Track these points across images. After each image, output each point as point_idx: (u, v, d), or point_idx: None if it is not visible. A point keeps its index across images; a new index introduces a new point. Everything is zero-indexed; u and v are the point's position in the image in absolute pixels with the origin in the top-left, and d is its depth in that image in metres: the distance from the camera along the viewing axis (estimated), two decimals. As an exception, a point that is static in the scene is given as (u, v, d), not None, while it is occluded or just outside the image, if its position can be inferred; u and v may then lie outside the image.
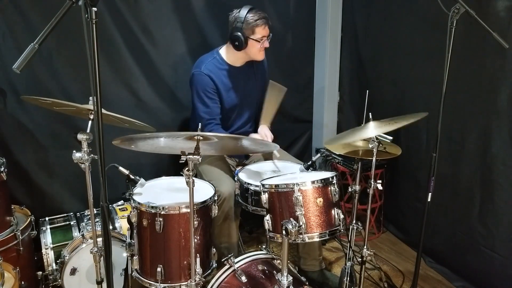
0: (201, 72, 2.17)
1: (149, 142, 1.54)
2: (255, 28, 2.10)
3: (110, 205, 2.23)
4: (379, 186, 1.80)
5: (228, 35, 2.17)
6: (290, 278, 1.47)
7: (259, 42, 2.12)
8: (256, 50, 2.17)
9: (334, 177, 1.67)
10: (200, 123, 1.53)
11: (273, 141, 2.33)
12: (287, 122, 3.10)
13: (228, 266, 1.70)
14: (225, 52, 2.26)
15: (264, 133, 2.33)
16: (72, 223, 2.17)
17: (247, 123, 2.42)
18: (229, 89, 2.25)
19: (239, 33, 2.10)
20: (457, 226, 2.29)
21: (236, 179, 1.98)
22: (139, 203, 1.64)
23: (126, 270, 1.91)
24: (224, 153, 2.24)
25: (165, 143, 1.52)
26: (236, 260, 1.73)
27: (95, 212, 1.66)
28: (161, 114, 2.56)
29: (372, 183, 1.80)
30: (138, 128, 1.80)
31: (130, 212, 1.67)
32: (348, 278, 1.90)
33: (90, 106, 1.66)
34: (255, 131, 2.47)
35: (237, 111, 2.34)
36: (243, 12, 2.10)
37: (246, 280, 1.65)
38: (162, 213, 1.59)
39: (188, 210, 1.48)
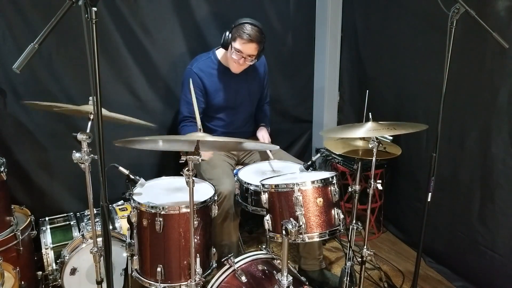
0: (191, 69, 2.23)
1: (149, 144, 1.54)
2: (236, 38, 2.08)
3: (110, 205, 2.23)
4: (379, 186, 1.80)
5: None
6: (290, 278, 1.47)
7: (232, 51, 2.11)
8: (230, 58, 2.16)
9: (334, 177, 1.67)
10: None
11: (271, 142, 2.34)
12: (287, 122, 3.10)
13: (228, 266, 1.70)
14: (221, 53, 2.27)
15: (262, 135, 2.36)
16: (72, 223, 2.18)
17: (245, 123, 2.44)
18: (219, 89, 2.27)
19: (227, 33, 2.12)
20: (457, 226, 2.29)
21: (236, 179, 1.98)
22: (139, 203, 1.64)
23: (126, 270, 1.91)
24: (224, 150, 2.24)
25: (165, 144, 1.52)
26: (236, 260, 1.73)
27: (95, 212, 1.66)
28: (161, 113, 2.56)
29: (372, 183, 1.80)
30: (138, 126, 1.80)
31: (130, 212, 1.67)
32: (348, 278, 1.90)
33: (89, 107, 1.66)
34: (255, 131, 2.48)
35: (232, 112, 2.34)
36: (244, 20, 2.09)
37: (246, 280, 1.64)
38: (162, 213, 1.59)
39: (188, 210, 1.48)
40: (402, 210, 2.78)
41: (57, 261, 1.98)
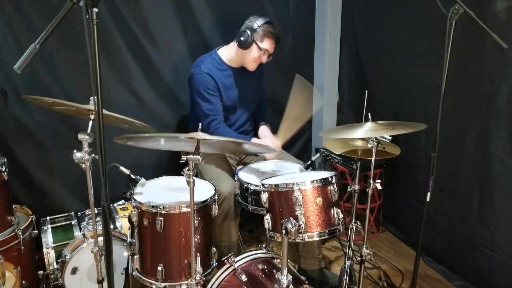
0: (201, 71, 2.20)
1: (149, 142, 1.54)
2: (265, 38, 2.15)
3: (111, 205, 2.24)
4: (378, 186, 1.81)
5: (239, 31, 2.20)
6: (290, 277, 1.47)
7: (261, 51, 2.16)
8: (252, 58, 2.20)
9: (334, 176, 1.68)
10: (200, 123, 1.55)
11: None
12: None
13: (228, 265, 1.71)
14: (224, 53, 2.28)
15: (264, 134, 2.36)
16: (73, 222, 2.18)
17: (246, 122, 2.44)
18: (227, 88, 2.27)
19: (249, 33, 2.14)
20: (456, 226, 2.29)
21: (236, 179, 1.99)
22: (139, 202, 1.65)
23: (127, 269, 1.92)
24: (224, 151, 2.25)
25: (165, 143, 1.53)
26: (236, 259, 1.74)
27: (96, 211, 1.66)
28: (161, 114, 2.57)
29: (371, 182, 1.80)
30: (138, 129, 1.81)
31: (131, 211, 1.68)
32: (347, 277, 1.91)
33: (90, 106, 1.67)
34: (255, 130, 2.48)
35: (235, 111, 2.35)
36: (263, 20, 2.16)
37: (246, 279, 1.65)
38: (162, 212, 1.60)
39: (189, 210, 1.49)
40: (401, 210, 2.79)
41: (58, 261, 1.99)
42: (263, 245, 1.94)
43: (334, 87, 3.13)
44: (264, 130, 2.41)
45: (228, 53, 2.27)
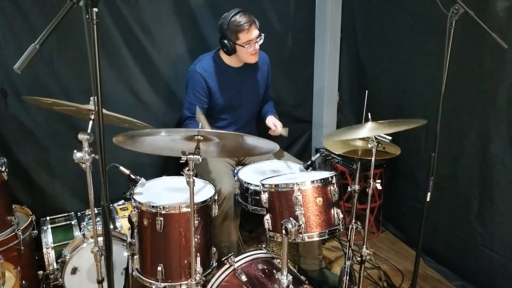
0: (195, 70, 2.23)
1: (150, 141, 1.54)
2: (238, 34, 2.10)
3: (111, 205, 2.24)
4: (378, 186, 1.81)
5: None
6: (290, 277, 1.47)
7: (244, 47, 2.12)
8: (245, 54, 2.17)
9: (334, 176, 1.68)
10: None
11: (274, 140, 2.32)
12: (287, 122, 3.08)
13: (228, 265, 1.71)
14: (224, 53, 2.27)
15: (272, 122, 2.35)
16: (73, 222, 2.18)
17: (248, 123, 2.44)
18: (224, 88, 2.27)
19: (226, 40, 2.13)
20: (456, 226, 2.29)
21: (236, 179, 1.99)
22: (139, 202, 1.65)
23: (127, 269, 1.92)
24: (225, 155, 2.24)
25: (166, 143, 1.52)
26: (236, 259, 1.74)
27: (96, 211, 1.66)
28: (161, 114, 2.57)
29: (372, 182, 1.80)
30: (138, 128, 1.81)
31: (131, 211, 1.68)
32: (347, 277, 1.91)
33: (90, 106, 1.67)
34: (257, 131, 2.48)
35: (235, 111, 2.35)
36: (228, 17, 2.11)
37: (246, 279, 1.65)
38: (162, 212, 1.60)
39: (189, 210, 1.49)
40: (401, 210, 2.79)
41: (58, 261, 1.99)
42: (263, 245, 1.94)
43: (334, 87, 3.13)
44: (271, 118, 2.40)
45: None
